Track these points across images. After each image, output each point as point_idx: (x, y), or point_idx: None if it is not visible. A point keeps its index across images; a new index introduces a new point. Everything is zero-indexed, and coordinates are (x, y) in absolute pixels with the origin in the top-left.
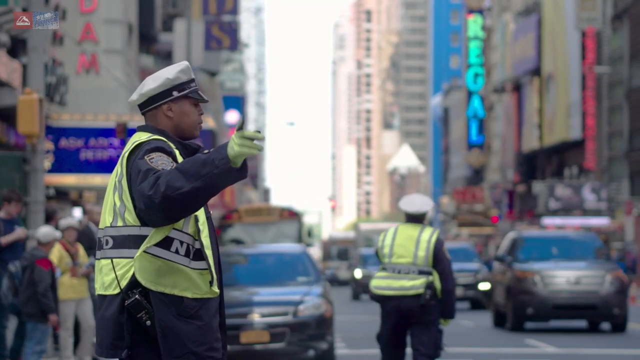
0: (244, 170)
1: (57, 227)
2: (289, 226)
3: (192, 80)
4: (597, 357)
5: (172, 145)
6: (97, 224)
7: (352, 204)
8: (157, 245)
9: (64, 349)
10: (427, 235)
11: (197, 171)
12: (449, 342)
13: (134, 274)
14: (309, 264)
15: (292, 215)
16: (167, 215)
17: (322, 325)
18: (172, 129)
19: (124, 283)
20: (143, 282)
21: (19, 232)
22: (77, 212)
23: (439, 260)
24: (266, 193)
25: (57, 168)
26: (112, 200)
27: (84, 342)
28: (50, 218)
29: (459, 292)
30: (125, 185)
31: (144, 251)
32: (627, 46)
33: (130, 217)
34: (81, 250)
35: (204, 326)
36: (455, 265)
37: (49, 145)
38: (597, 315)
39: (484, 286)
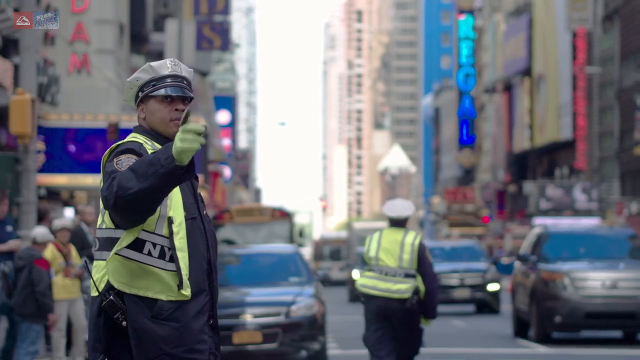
0: (190, 170)
1: (50, 228)
2: (280, 226)
3: (163, 78)
4: (591, 356)
5: (152, 145)
6: (88, 224)
7: (343, 204)
8: (129, 247)
9: (56, 349)
10: (411, 239)
11: (145, 171)
12: (444, 343)
13: (108, 275)
14: (301, 265)
15: (284, 215)
16: (122, 215)
17: (314, 326)
18: (151, 129)
19: (101, 285)
20: (116, 285)
21: (11, 244)
22: (69, 212)
23: (422, 262)
24: (257, 193)
25: (48, 168)
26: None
27: (77, 342)
28: (42, 218)
29: (466, 293)
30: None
31: (116, 253)
32: (617, 47)
33: (107, 219)
34: (73, 251)
35: (180, 328)
36: (462, 265)
37: (40, 145)
38: (636, 325)
39: (494, 287)
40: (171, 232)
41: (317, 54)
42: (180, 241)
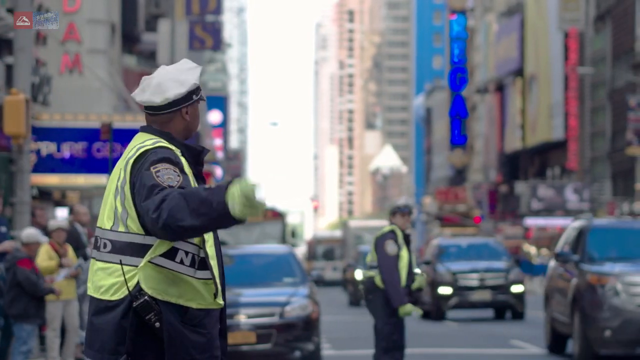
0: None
1: (45, 228)
2: (273, 226)
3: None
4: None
5: (178, 151)
6: (82, 224)
7: (334, 204)
8: (162, 255)
9: (50, 349)
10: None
11: (197, 207)
12: (437, 343)
13: (139, 281)
14: (295, 265)
15: (276, 215)
16: (168, 238)
17: (308, 326)
18: (182, 131)
19: (130, 288)
20: (150, 292)
21: (5, 245)
22: (61, 212)
23: (376, 254)
24: None
25: (40, 168)
26: (113, 204)
27: (68, 342)
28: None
29: (487, 296)
30: (129, 193)
31: (149, 261)
32: (609, 47)
33: (134, 224)
34: (70, 251)
35: (207, 334)
36: (482, 264)
37: (34, 145)
38: None
39: (518, 289)
40: (203, 240)
41: (309, 54)
42: (211, 249)
